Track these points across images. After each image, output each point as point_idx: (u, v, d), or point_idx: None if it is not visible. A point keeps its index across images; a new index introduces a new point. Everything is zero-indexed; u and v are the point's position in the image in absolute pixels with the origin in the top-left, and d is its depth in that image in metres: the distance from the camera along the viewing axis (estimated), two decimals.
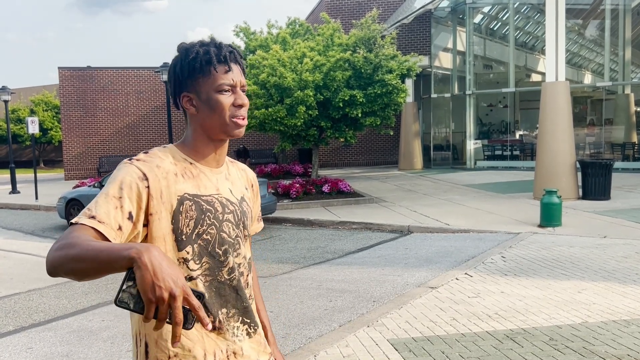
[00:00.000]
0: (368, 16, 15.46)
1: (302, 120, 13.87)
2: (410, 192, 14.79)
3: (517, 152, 20.97)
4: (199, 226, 1.49)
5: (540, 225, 9.48)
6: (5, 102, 19.68)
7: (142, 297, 1.14)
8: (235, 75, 1.53)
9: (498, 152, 21.03)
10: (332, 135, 15.09)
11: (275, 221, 11.65)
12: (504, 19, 22.88)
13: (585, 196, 12.09)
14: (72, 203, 11.77)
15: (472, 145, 21.16)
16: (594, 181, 11.94)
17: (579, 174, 12.28)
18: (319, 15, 17.97)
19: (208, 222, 1.50)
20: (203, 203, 1.51)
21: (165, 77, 15.47)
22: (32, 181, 19.14)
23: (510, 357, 4.14)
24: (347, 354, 4.38)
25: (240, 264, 1.58)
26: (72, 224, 1.36)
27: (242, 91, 1.55)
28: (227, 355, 1.52)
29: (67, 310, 6.14)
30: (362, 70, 14.44)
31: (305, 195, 13.52)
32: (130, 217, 1.41)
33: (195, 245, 1.49)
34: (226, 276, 1.53)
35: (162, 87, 23.55)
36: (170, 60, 1.67)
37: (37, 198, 16.56)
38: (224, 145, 1.60)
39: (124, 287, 1.16)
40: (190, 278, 1.49)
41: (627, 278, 6.25)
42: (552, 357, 4.12)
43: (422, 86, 22.64)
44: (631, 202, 11.69)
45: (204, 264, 1.50)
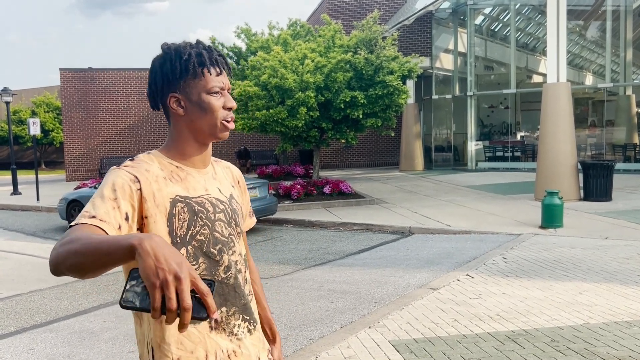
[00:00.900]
0: (369, 17, 15.47)
1: (303, 122, 13.87)
2: (411, 193, 14.79)
3: (518, 153, 20.94)
4: (192, 227, 1.50)
5: (542, 227, 9.47)
6: (7, 103, 19.72)
7: (146, 285, 1.09)
8: (224, 78, 1.57)
9: (499, 153, 21.01)
10: (333, 136, 15.09)
11: (276, 222, 11.66)
12: (505, 20, 22.88)
13: (587, 197, 12.08)
14: (73, 204, 11.79)
15: (473, 146, 21.16)
16: (596, 182, 11.93)
17: (581, 175, 12.28)
18: (320, 17, 17.99)
19: (200, 222, 1.52)
20: (194, 204, 1.52)
21: None
22: (34, 182, 19.16)
23: (512, 359, 4.14)
24: (349, 355, 4.38)
25: (236, 261, 1.59)
26: (72, 226, 1.35)
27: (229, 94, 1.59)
28: (228, 355, 1.53)
29: (69, 311, 6.14)
30: (363, 72, 14.44)
31: (306, 197, 13.53)
32: (126, 217, 1.42)
33: (189, 247, 1.50)
34: (223, 275, 1.55)
35: None
36: None
37: (38, 199, 16.57)
38: (209, 146, 1.62)
39: (127, 287, 1.14)
40: None
41: (628, 279, 6.25)
42: (553, 359, 4.12)
43: (423, 87, 22.64)
44: (633, 203, 11.68)
45: (200, 264, 1.51)
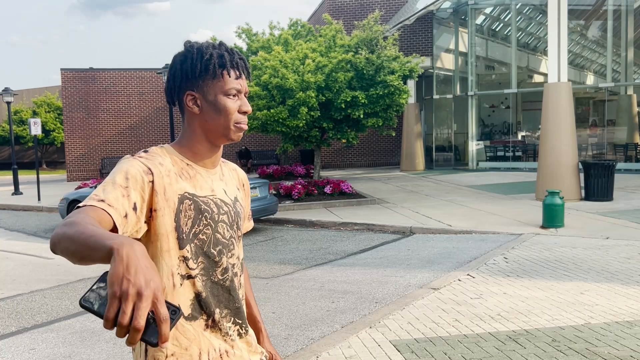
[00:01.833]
0: (370, 17, 15.47)
1: (304, 122, 13.86)
2: (412, 193, 14.78)
3: (519, 153, 20.93)
4: (196, 226, 1.51)
5: (543, 227, 9.46)
6: (8, 103, 19.73)
7: (108, 292, 1.02)
8: (243, 82, 1.58)
9: (500, 153, 21.00)
10: (334, 136, 15.09)
11: (277, 222, 11.65)
12: (506, 19, 22.87)
13: (588, 197, 12.07)
14: (74, 204, 11.79)
15: (474, 146, 21.15)
16: (597, 182, 11.92)
17: (582, 175, 12.27)
18: (321, 17, 17.99)
19: (204, 222, 1.52)
20: (201, 203, 1.52)
21: None
22: (35, 182, 19.18)
23: (513, 358, 4.14)
24: (350, 355, 4.38)
25: (234, 264, 1.60)
26: (79, 207, 1.32)
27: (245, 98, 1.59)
28: (220, 354, 1.54)
29: (70, 311, 6.14)
30: (364, 72, 14.44)
31: (307, 197, 13.53)
32: (134, 207, 1.41)
33: (192, 245, 1.50)
34: (220, 276, 1.55)
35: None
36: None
37: (39, 199, 16.58)
38: (220, 148, 1.63)
39: (94, 287, 1.08)
40: (189, 276, 1.50)
41: (630, 279, 6.24)
42: (554, 359, 4.11)
43: (424, 87, 22.64)
44: (634, 203, 11.67)
45: (200, 263, 1.52)
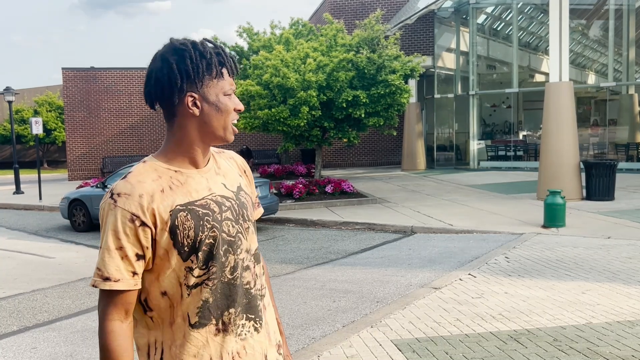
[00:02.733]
0: (372, 17, 15.45)
1: (305, 121, 13.86)
2: (413, 192, 14.78)
3: (520, 153, 20.91)
4: (200, 233, 1.47)
5: (544, 226, 9.46)
6: (9, 102, 19.73)
7: None
8: (231, 80, 1.56)
9: (501, 153, 20.99)
10: (335, 135, 15.08)
11: (278, 221, 11.65)
12: (507, 19, 22.85)
13: (589, 197, 12.05)
14: (75, 203, 11.79)
15: (475, 145, 21.13)
16: (598, 182, 11.90)
17: (583, 175, 12.25)
18: (322, 16, 17.98)
19: (208, 226, 1.48)
20: (198, 209, 1.48)
21: None
22: (36, 181, 19.18)
23: (514, 358, 4.13)
24: (351, 354, 4.38)
25: (243, 258, 1.56)
26: (94, 285, 1.44)
27: None
28: (232, 357, 1.53)
29: (71, 310, 6.15)
30: (366, 71, 14.43)
31: (308, 196, 13.52)
32: (138, 257, 1.44)
33: (199, 253, 1.48)
34: (229, 276, 1.52)
35: None
36: None
37: (40, 198, 16.59)
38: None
39: None
40: (196, 285, 1.49)
41: (631, 279, 6.23)
42: (556, 358, 4.11)
43: (425, 86, 22.62)
44: (635, 202, 11.66)
45: (210, 267, 1.49)
